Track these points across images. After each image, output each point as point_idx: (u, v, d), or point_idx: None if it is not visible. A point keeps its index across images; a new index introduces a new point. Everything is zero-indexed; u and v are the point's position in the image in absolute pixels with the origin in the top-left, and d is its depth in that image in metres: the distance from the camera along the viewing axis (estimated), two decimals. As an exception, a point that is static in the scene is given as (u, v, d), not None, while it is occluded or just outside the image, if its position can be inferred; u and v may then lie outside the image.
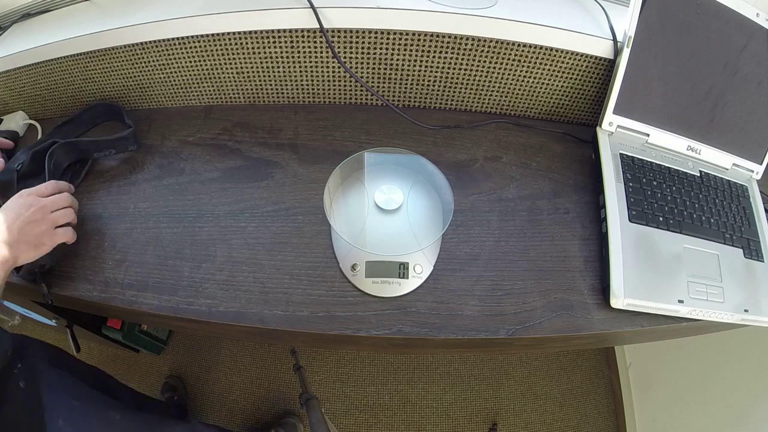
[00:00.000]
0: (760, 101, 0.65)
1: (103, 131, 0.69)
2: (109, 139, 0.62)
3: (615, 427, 1.34)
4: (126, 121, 0.65)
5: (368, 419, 1.29)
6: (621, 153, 0.63)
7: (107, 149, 0.63)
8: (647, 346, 1.28)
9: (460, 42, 0.62)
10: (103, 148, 0.63)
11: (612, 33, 0.62)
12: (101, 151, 0.63)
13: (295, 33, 0.61)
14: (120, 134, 0.62)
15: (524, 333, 0.52)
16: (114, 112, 0.68)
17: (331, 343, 0.57)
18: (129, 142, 0.64)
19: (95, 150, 0.63)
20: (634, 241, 0.56)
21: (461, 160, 0.65)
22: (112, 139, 0.62)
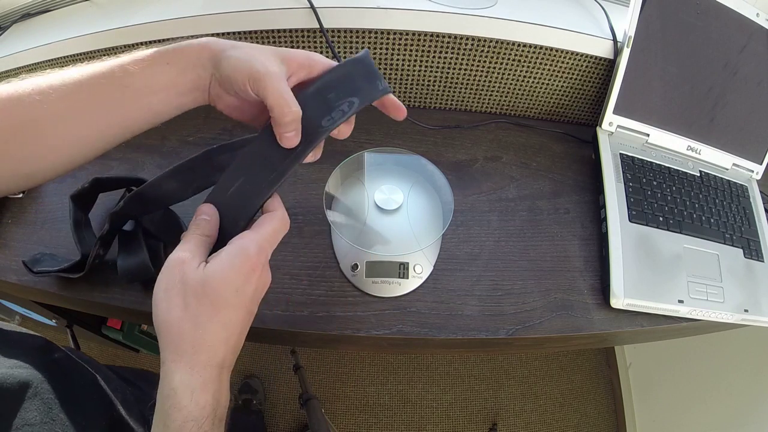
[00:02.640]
0: (760, 101, 0.65)
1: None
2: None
3: (615, 427, 1.34)
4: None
5: (368, 419, 1.29)
6: (621, 153, 0.63)
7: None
8: (647, 346, 1.28)
9: (460, 42, 0.62)
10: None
11: (612, 33, 0.62)
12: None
13: (295, 33, 0.61)
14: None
15: (524, 333, 0.52)
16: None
17: (331, 343, 0.57)
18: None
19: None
20: (634, 241, 0.56)
21: (461, 160, 0.65)
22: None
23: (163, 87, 0.35)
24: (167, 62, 0.34)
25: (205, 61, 0.34)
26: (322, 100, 0.36)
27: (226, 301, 0.30)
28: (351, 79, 0.37)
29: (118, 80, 0.34)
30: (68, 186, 0.61)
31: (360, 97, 0.37)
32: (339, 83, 0.37)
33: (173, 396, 0.27)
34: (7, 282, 0.53)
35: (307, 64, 0.36)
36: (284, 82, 0.33)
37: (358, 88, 0.37)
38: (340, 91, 0.36)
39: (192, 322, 0.29)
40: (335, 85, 0.37)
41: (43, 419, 0.28)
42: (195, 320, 0.29)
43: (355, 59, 0.38)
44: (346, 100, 0.36)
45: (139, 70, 0.34)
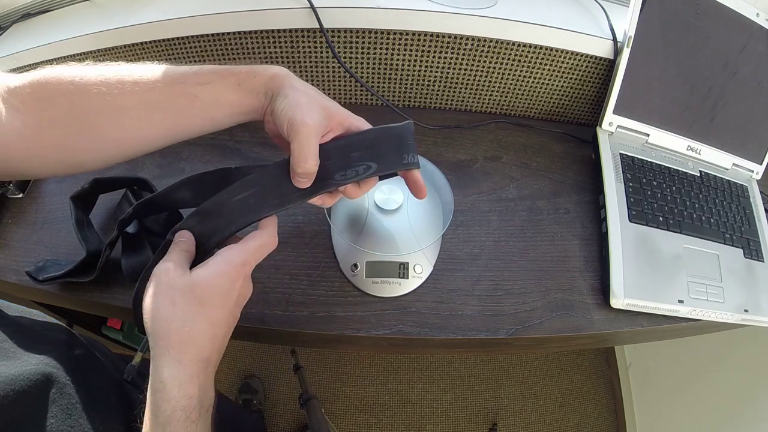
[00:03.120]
0: (760, 101, 0.65)
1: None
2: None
3: (615, 427, 1.34)
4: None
5: (368, 419, 1.29)
6: (621, 153, 0.63)
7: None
8: (647, 346, 1.28)
9: (460, 42, 0.62)
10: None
11: (612, 33, 0.62)
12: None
13: (295, 33, 0.61)
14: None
15: (524, 333, 0.52)
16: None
17: (331, 343, 0.57)
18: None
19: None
20: (634, 241, 0.56)
21: (461, 160, 0.65)
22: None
23: (229, 104, 0.37)
24: (238, 83, 0.37)
25: (270, 91, 0.37)
26: (344, 155, 0.38)
27: (212, 301, 0.32)
28: (378, 145, 0.39)
29: (190, 89, 0.36)
30: (68, 186, 0.61)
31: (379, 164, 0.39)
32: (366, 145, 0.39)
33: (162, 389, 0.28)
34: (7, 282, 0.53)
35: (346, 125, 0.38)
36: (314, 136, 0.35)
37: (382, 155, 0.39)
38: (364, 153, 0.38)
39: (180, 320, 0.30)
40: (362, 146, 0.39)
41: (61, 426, 0.28)
42: (183, 318, 0.31)
43: (391, 127, 0.40)
44: (365, 162, 0.38)
45: (210, 84, 0.36)
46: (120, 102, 0.34)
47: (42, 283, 0.50)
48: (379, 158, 0.39)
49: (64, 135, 0.34)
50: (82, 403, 0.30)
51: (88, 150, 0.36)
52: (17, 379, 0.26)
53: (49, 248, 0.55)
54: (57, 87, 0.34)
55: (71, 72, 0.34)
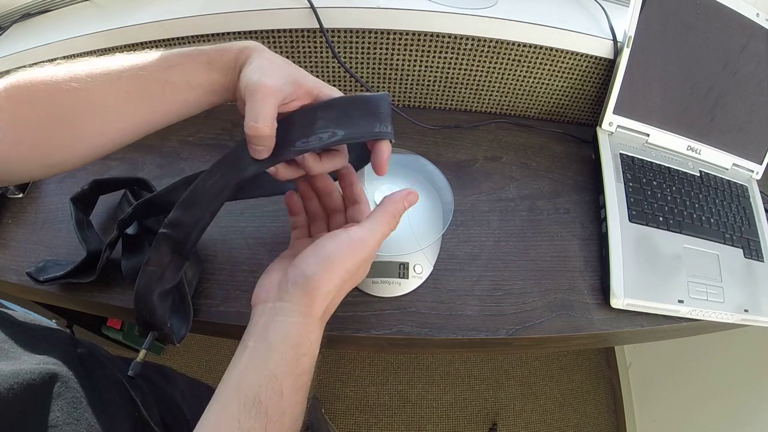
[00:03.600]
0: (760, 101, 0.65)
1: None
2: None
3: (615, 427, 1.34)
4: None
5: (368, 419, 1.29)
6: (621, 153, 0.63)
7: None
8: (647, 346, 1.28)
9: (460, 42, 0.62)
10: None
11: (612, 33, 0.62)
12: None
13: (295, 33, 0.61)
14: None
15: (524, 333, 0.52)
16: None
17: (331, 343, 0.57)
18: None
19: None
20: (634, 241, 0.56)
21: (461, 160, 0.65)
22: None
23: (200, 85, 0.36)
24: (208, 62, 0.35)
25: (239, 65, 0.35)
26: (308, 123, 0.35)
27: (358, 278, 0.36)
28: (347, 112, 0.36)
29: (160, 74, 0.35)
30: (68, 186, 0.61)
31: (347, 131, 0.35)
32: (334, 112, 0.36)
33: (309, 347, 0.32)
34: (7, 282, 0.53)
35: (315, 94, 0.36)
36: (270, 97, 0.32)
37: (350, 122, 0.35)
38: (330, 120, 0.35)
39: (337, 292, 0.34)
40: (328, 113, 0.36)
41: (67, 419, 0.28)
42: (341, 290, 0.34)
43: (363, 95, 0.37)
44: (330, 129, 0.35)
45: (180, 66, 0.35)
46: (92, 96, 0.34)
47: (42, 284, 0.50)
48: (347, 125, 0.35)
49: (43, 136, 0.34)
50: (87, 398, 0.30)
51: (67, 148, 0.35)
52: (20, 374, 0.26)
53: (49, 248, 0.55)
54: (32, 89, 0.33)
55: (43, 73, 0.33)
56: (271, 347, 0.30)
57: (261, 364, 0.30)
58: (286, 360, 0.30)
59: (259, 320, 0.32)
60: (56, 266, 0.51)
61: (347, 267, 0.32)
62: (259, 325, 0.32)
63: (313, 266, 0.32)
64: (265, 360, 0.30)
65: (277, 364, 0.30)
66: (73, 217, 0.52)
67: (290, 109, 0.35)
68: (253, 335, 0.32)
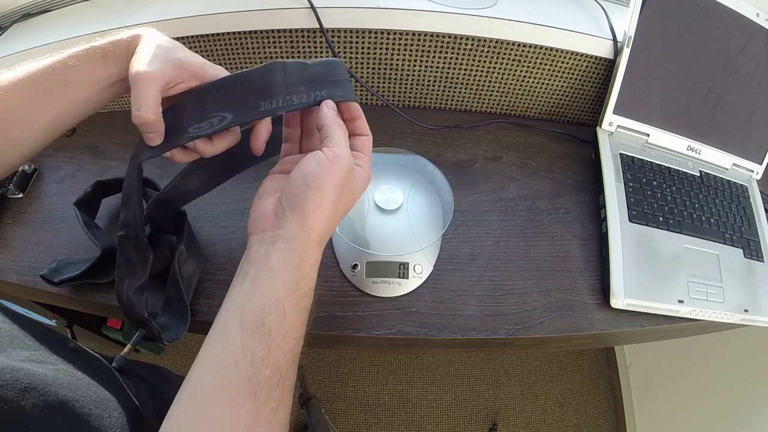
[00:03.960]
0: (760, 101, 0.65)
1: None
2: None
3: (615, 427, 1.34)
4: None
5: (368, 419, 1.29)
6: (621, 153, 0.63)
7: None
8: (647, 346, 1.28)
9: (460, 42, 0.62)
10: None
11: (612, 33, 0.62)
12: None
13: (295, 33, 0.61)
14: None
15: (524, 333, 0.52)
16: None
17: (331, 343, 0.57)
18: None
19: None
20: (634, 241, 0.56)
21: (461, 160, 0.65)
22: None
23: (100, 80, 0.37)
24: (104, 56, 0.37)
25: (130, 54, 0.36)
26: (199, 107, 0.36)
27: (351, 195, 0.36)
28: (234, 93, 0.36)
29: (60, 75, 0.36)
30: (68, 186, 0.61)
31: (234, 114, 0.35)
32: (221, 95, 0.36)
33: (309, 271, 0.33)
34: (7, 282, 0.53)
35: (200, 75, 0.37)
36: (151, 84, 0.33)
37: (237, 103, 0.35)
38: (219, 103, 0.35)
39: (334, 219, 0.35)
40: (216, 96, 0.36)
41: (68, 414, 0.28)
42: (336, 216, 0.35)
43: (247, 72, 0.35)
44: (219, 114, 0.35)
45: (77, 64, 0.36)
46: (2, 105, 0.36)
47: (58, 286, 0.49)
48: (235, 107, 0.35)
49: None
50: (86, 394, 0.30)
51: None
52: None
53: (49, 248, 0.55)
54: None
55: None
56: (273, 273, 0.32)
57: (264, 289, 0.31)
58: (288, 284, 0.32)
59: (260, 248, 0.33)
60: (70, 266, 0.51)
61: (334, 182, 0.33)
62: (260, 253, 0.33)
63: (304, 189, 0.33)
64: (269, 285, 0.31)
65: (279, 288, 0.31)
66: (80, 219, 0.52)
67: (176, 92, 0.36)
68: (254, 263, 0.33)
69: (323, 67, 0.37)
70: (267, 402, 0.29)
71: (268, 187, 0.37)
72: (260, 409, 0.28)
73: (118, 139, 0.67)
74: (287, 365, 0.31)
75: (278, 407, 0.29)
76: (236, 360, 0.29)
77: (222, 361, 0.29)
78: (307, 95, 0.36)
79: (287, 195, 0.33)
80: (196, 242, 0.53)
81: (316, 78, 0.36)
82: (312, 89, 0.36)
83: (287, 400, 0.31)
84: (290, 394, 0.31)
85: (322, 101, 0.36)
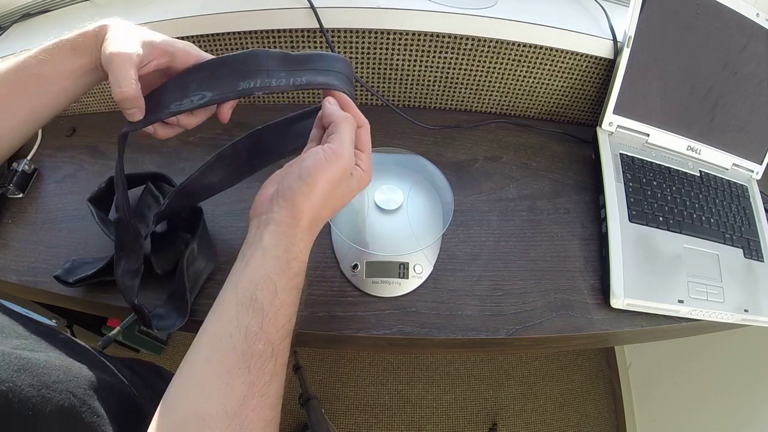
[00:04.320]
0: (760, 101, 0.65)
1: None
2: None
3: (615, 427, 1.34)
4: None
5: (368, 419, 1.29)
6: (621, 153, 0.63)
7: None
8: (647, 346, 1.28)
9: (460, 42, 0.62)
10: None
11: (612, 33, 0.62)
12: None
13: (295, 33, 0.61)
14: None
15: (524, 333, 0.52)
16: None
17: (331, 343, 0.57)
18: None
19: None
20: (634, 241, 0.56)
21: (461, 160, 0.65)
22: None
23: (72, 71, 0.38)
24: (73, 48, 0.38)
25: (99, 44, 0.38)
26: (182, 87, 0.39)
27: (348, 189, 0.37)
28: (215, 74, 0.39)
29: (32, 70, 0.37)
30: (68, 186, 0.61)
31: (214, 93, 0.38)
32: (204, 75, 0.39)
33: (298, 253, 0.35)
34: (7, 282, 0.53)
35: (170, 52, 0.39)
36: (127, 62, 0.35)
37: (217, 84, 0.38)
38: (201, 83, 0.39)
39: (328, 207, 0.37)
40: (199, 75, 0.39)
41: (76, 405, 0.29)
42: (330, 204, 0.36)
43: (230, 55, 0.39)
44: (200, 92, 0.38)
45: (48, 58, 0.37)
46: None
47: (74, 286, 0.49)
48: (215, 86, 0.38)
49: None
50: (87, 383, 0.31)
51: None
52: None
53: (49, 248, 0.55)
54: None
55: None
56: (265, 253, 0.34)
57: (256, 267, 0.33)
58: (278, 263, 0.34)
59: (256, 231, 0.35)
60: (84, 265, 0.51)
61: (327, 179, 0.35)
62: (256, 236, 0.35)
63: (297, 181, 0.35)
64: (261, 264, 0.33)
65: (270, 266, 0.33)
66: (96, 215, 0.52)
67: (149, 69, 0.38)
68: (250, 245, 0.35)
69: (306, 56, 0.39)
70: (260, 375, 0.30)
71: (273, 178, 0.39)
72: (254, 381, 0.30)
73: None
74: (279, 340, 0.32)
75: (271, 381, 0.31)
76: (231, 334, 0.31)
77: (218, 335, 0.31)
78: (287, 80, 0.39)
79: (282, 184, 0.36)
80: (210, 242, 0.53)
81: (298, 65, 0.39)
82: (292, 75, 0.39)
83: (280, 375, 0.33)
84: (283, 370, 0.33)
85: (301, 86, 0.39)
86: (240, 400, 0.29)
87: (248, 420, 0.29)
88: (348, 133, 0.37)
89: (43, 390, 0.26)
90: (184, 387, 0.30)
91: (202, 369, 0.30)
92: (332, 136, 0.36)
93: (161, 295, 0.51)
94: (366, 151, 0.39)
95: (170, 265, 0.50)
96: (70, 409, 0.27)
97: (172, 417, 0.28)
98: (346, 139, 0.36)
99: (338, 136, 0.36)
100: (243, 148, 0.47)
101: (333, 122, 0.37)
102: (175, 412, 0.29)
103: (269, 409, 0.31)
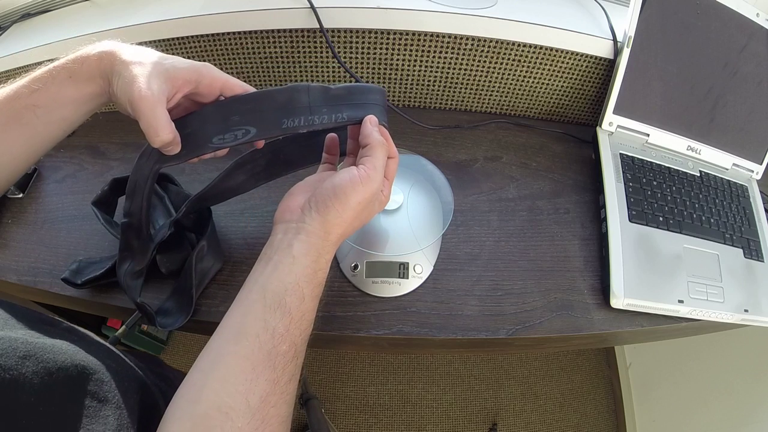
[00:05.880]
0: (760, 101, 0.65)
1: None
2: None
3: (615, 427, 1.34)
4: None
5: (368, 419, 1.29)
6: (621, 153, 0.63)
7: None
8: (647, 346, 1.28)
9: (460, 42, 0.62)
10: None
11: (612, 33, 0.62)
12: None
13: (295, 33, 0.61)
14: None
15: (524, 333, 0.52)
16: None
17: (331, 343, 0.57)
18: None
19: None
20: (634, 241, 0.56)
21: (461, 160, 0.65)
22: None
23: (71, 100, 0.37)
24: (69, 75, 0.37)
25: (104, 73, 0.36)
26: (224, 118, 0.37)
27: (371, 212, 0.39)
28: (259, 108, 0.38)
29: (26, 100, 0.36)
30: (68, 186, 0.61)
31: (258, 129, 0.37)
32: (249, 108, 0.38)
33: (324, 264, 0.37)
34: (7, 282, 0.53)
35: (194, 79, 0.37)
36: (158, 106, 0.34)
37: (261, 118, 0.37)
38: (244, 116, 0.37)
39: (354, 224, 0.38)
40: (242, 109, 0.37)
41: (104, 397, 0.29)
42: (356, 222, 0.38)
43: (272, 91, 0.37)
44: (244, 127, 0.37)
45: (42, 87, 0.36)
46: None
47: (82, 288, 0.49)
48: (259, 122, 0.37)
49: None
50: (95, 369, 0.31)
51: None
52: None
53: (49, 248, 0.55)
54: None
55: None
56: (295, 260, 0.35)
57: (286, 273, 0.35)
58: (307, 271, 0.35)
59: (284, 237, 0.37)
60: (91, 265, 0.51)
61: (358, 199, 0.36)
62: (284, 242, 0.36)
63: (332, 197, 0.36)
64: (290, 269, 0.35)
65: (299, 273, 0.35)
66: (101, 218, 0.52)
67: (176, 102, 0.38)
68: (278, 251, 0.36)
69: (345, 89, 0.39)
70: (283, 373, 0.32)
71: (301, 187, 0.41)
72: (278, 379, 0.31)
73: (118, 139, 0.67)
74: (301, 343, 0.35)
75: (290, 380, 0.33)
76: (258, 333, 0.32)
77: (245, 334, 0.32)
78: (329, 116, 0.38)
79: (316, 197, 0.37)
80: (218, 241, 0.54)
81: (338, 100, 0.39)
82: (333, 111, 0.39)
83: (297, 376, 0.34)
84: (299, 371, 0.35)
85: (342, 123, 0.39)
86: (263, 396, 0.30)
87: (269, 416, 0.30)
88: (382, 160, 0.38)
89: (47, 378, 0.26)
90: (206, 380, 0.31)
91: (227, 365, 0.31)
92: (367, 158, 0.37)
93: (161, 295, 0.51)
94: (390, 180, 0.41)
95: (176, 265, 0.50)
96: (75, 395, 0.27)
97: (195, 408, 0.29)
98: (380, 165, 0.38)
99: (373, 160, 0.37)
100: (262, 156, 0.47)
101: (370, 145, 0.38)
102: (196, 404, 0.29)
103: (287, 407, 0.32)
